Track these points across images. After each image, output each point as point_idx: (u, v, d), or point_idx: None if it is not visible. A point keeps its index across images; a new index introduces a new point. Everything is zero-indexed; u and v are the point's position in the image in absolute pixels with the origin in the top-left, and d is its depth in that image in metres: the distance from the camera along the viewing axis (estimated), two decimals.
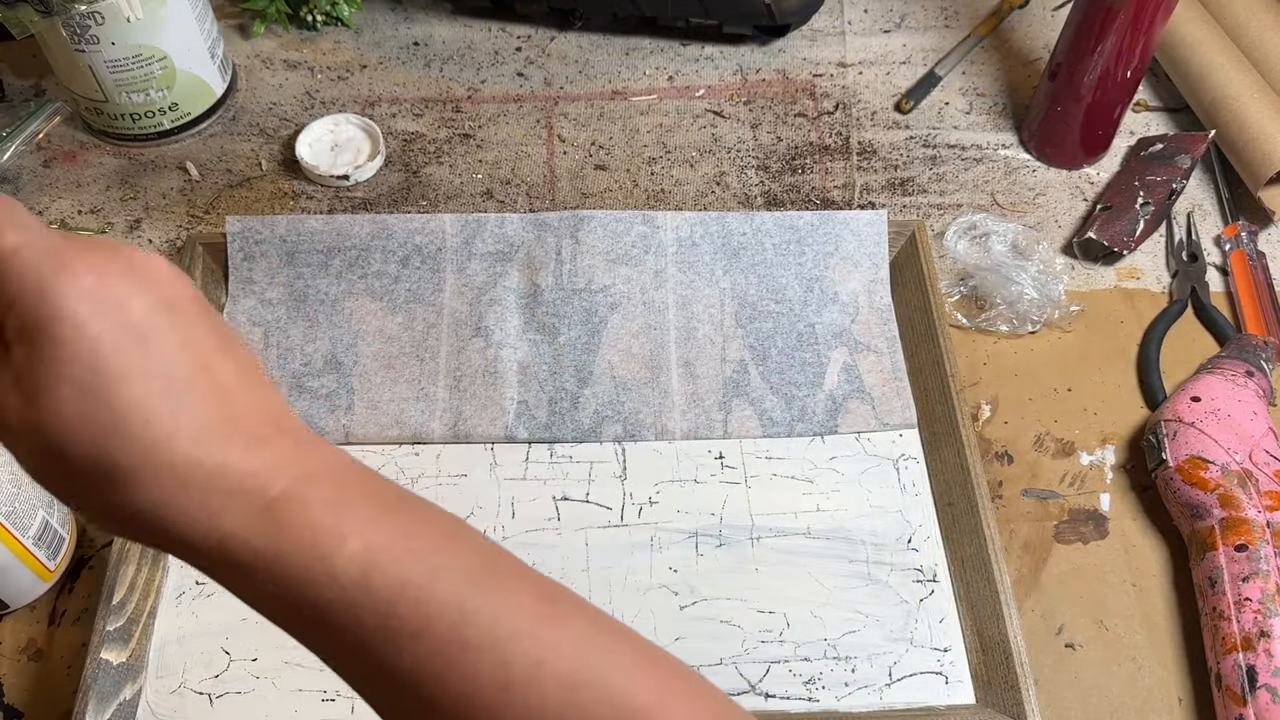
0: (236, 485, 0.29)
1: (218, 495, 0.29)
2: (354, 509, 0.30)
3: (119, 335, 0.28)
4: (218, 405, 0.29)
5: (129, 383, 0.28)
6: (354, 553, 0.29)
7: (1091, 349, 0.67)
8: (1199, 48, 0.76)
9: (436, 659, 0.29)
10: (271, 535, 0.29)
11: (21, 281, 0.28)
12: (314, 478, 0.30)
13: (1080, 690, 0.54)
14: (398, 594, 0.29)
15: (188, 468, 0.29)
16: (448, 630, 0.29)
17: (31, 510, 0.52)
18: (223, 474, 0.29)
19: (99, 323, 0.28)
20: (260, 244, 0.64)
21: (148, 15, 0.67)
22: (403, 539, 0.30)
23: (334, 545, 0.29)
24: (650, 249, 0.66)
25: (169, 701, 0.52)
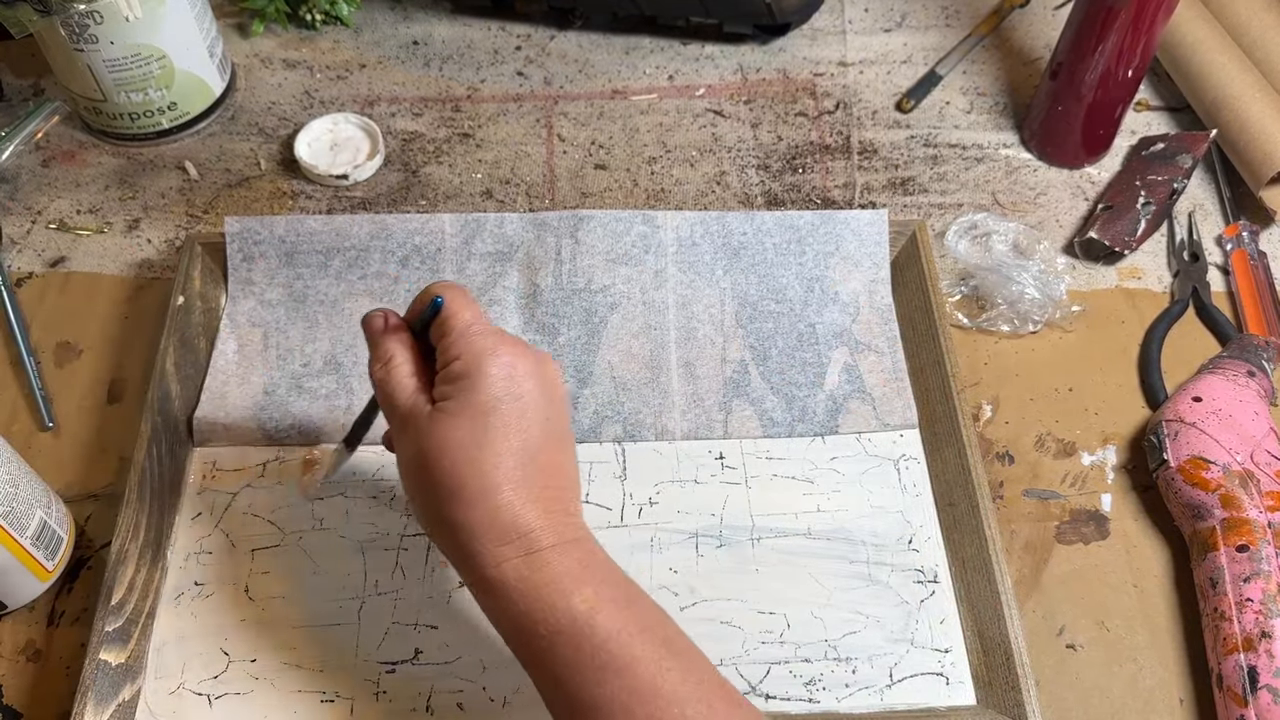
0: (523, 532, 0.42)
1: (509, 534, 0.42)
2: (592, 572, 0.42)
3: (509, 404, 0.43)
4: (539, 474, 0.43)
5: (502, 436, 0.42)
6: (586, 598, 0.41)
7: (1093, 349, 0.67)
8: (1200, 47, 0.76)
9: (632, 696, 0.39)
10: (534, 570, 0.41)
11: (471, 344, 0.43)
12: (571, 546, 0.42)
13: (1081, 691, 0.54)
14: (613, 636, 0.40)
15: (499, 509, 0.42)
16: (646, 675, 0.40)
17: (29, 511, 0.52)
18: (517, 523, 0.42)
19: (505, 386, 0.43)
20: (259, 244, 0.64)
21: (146, 14, 0.67)
22: (623, 602, 0.42)
23: (573, 590, 0.41)
24: (650, 249, 0.66)
25: (168, 702, 0.52)
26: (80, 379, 0.63)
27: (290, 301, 0.64)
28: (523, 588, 0.41)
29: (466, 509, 0.42)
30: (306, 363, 0.62)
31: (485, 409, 0.42)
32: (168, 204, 0.72)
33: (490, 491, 0.41)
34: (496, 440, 0.42)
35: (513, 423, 0.42)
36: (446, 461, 0.42)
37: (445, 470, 0.42)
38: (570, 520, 0.43)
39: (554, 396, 0.44)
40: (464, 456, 0.42)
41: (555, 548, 0.42)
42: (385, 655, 0.53)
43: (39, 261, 0.69)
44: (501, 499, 0.42)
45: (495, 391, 0.42)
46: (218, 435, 0.60)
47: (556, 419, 0.44)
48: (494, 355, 0.43)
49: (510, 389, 0.43)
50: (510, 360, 0.43)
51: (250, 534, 0.57)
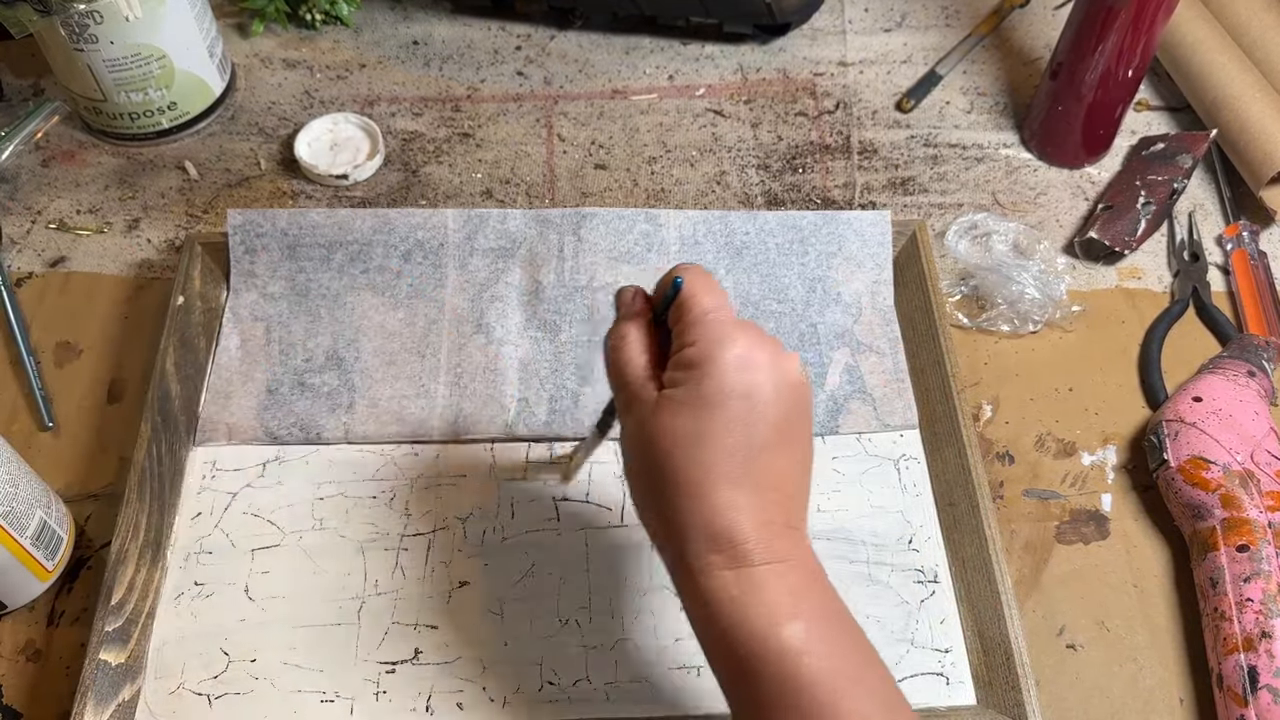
0: (735, 541, 0.39)
1: (720, 541, 0.39)
2: (807, 603, 0.39)
3: (738, 400, 0.39)
4: (760, 477, 0.40)
5: (725, 432, 0.39)
6: (796, 633, 0.38)
7: (1093, 349, 0.67)
8: (1200, 47, 0.76)
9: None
10: (743, 590, 0.38)
11: (706, 331, 0.40)
12: (787, 568, 0.39)
13: (1081, 691, 0.54)
14: (821, 683, 0.37)
15: (714, 511, 0.39)
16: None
17: (29, 510, 0.52)
18: (729, 532, 0.39)
19: (736, 379, 0.39)
20: (261, 237, 0.64)
21: (146, 14, 0.67)
22: (837, 643, 0.39)
23: (783, 621, 0.38)
24: (653, 247, 0.66)
25: (168, 702, 0.52)
26: (80, 379, 0.63)
27: (293, 295, 0.64)
28: (728, 605, 0.38)
29: (680, 504, 0.39)
30: (309, 358, 0.62)
31: (712, 401, 0.39)
32: (168, 204, 0.72)
33: (705, 489, 0.39)
34: (720, 436, 0.39)
35: (738, 419, 0.39)
36: (664, 450, 0.40)
37: (662, 459, 0.40)
38: (789, 534, 0.40)
39: (792, 398, 0.41)
40: (683, 448, 0.39)
41: (769, 566, 0.39)
42: (385, 655, 0.53)
43: (39, 261, 0.69)
44: (718, 499, 0.39)
45: (725, 384, 0.39)
46: (221, 434, 0.60)
47: (791, 421, 0.41)
48: (729, 345, 0.40)
49: (742, 383, 0.39)
50: (745, 353, 0.40)
51: (250, 534, 0.57)
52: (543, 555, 0.57)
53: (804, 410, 0.42)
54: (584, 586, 0.56)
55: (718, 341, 0.40)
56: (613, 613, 0.55)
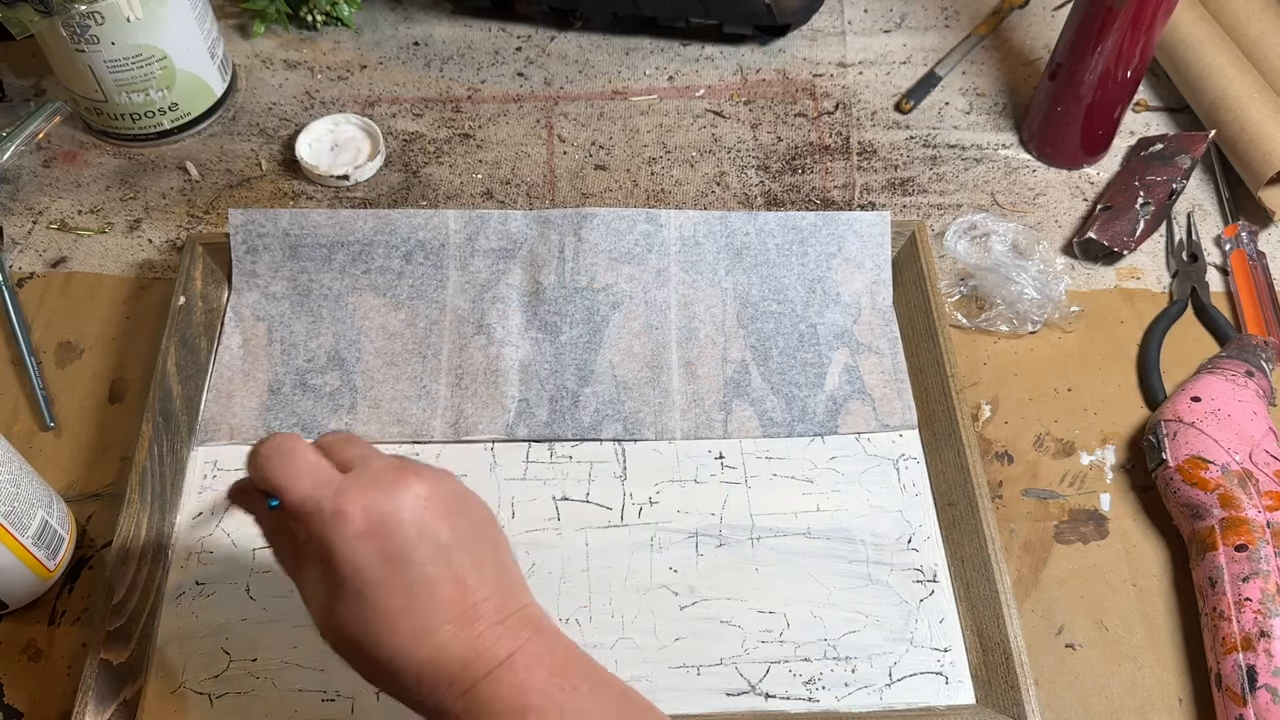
0: (452, 675, 0.37)
1: (438, 684, 0.38)
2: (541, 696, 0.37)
3: (378, 567, 0.37)
4: (450, 606, 0.38)
5: (385, 599, 0.37)
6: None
7: (1092, 349, 0.67)
8: (1199, 48, 0.76)
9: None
10: (473, 714, 0.37)
11: (310, 524, 0.38)
12: (511, 663, 0.38)
13: (1080, 690, 0.54)
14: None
15: (418, 661, 0.37)
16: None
17: (31, 510, 0.52)
18: (438, 667, 0.37)
19: (363, 556, 0.37)
20: (263, 237, 0.64)
21: (148, 15, 0.67)
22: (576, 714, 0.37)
23: None
24: (653, 248, 0.66)
25: (169, 702, 0.52)
26: (81, 379, 0.64)
27: (294, 295, 0.64)
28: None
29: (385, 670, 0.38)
30: (310, 358, 0.63)
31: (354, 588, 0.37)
32: (169, 204, 0.72)
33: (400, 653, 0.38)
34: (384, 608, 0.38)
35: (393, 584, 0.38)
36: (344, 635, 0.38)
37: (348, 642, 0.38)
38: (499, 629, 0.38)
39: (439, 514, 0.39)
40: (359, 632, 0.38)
41: (486, 679, 0.37)
42: None
43: (40, 262, 0.69)
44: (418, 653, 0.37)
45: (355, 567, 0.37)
46: (222, 433, 0.60)
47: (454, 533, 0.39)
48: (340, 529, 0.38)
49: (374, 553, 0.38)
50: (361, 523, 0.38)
51: (251, 533, 0.56)
52: (543, 555, 0.57)
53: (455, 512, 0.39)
54: (584, 586, 0.56)
55: (328, 531, 0.38)
56: (613, 613, 0.55)
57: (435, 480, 0.40)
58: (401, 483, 0.39)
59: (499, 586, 0.40)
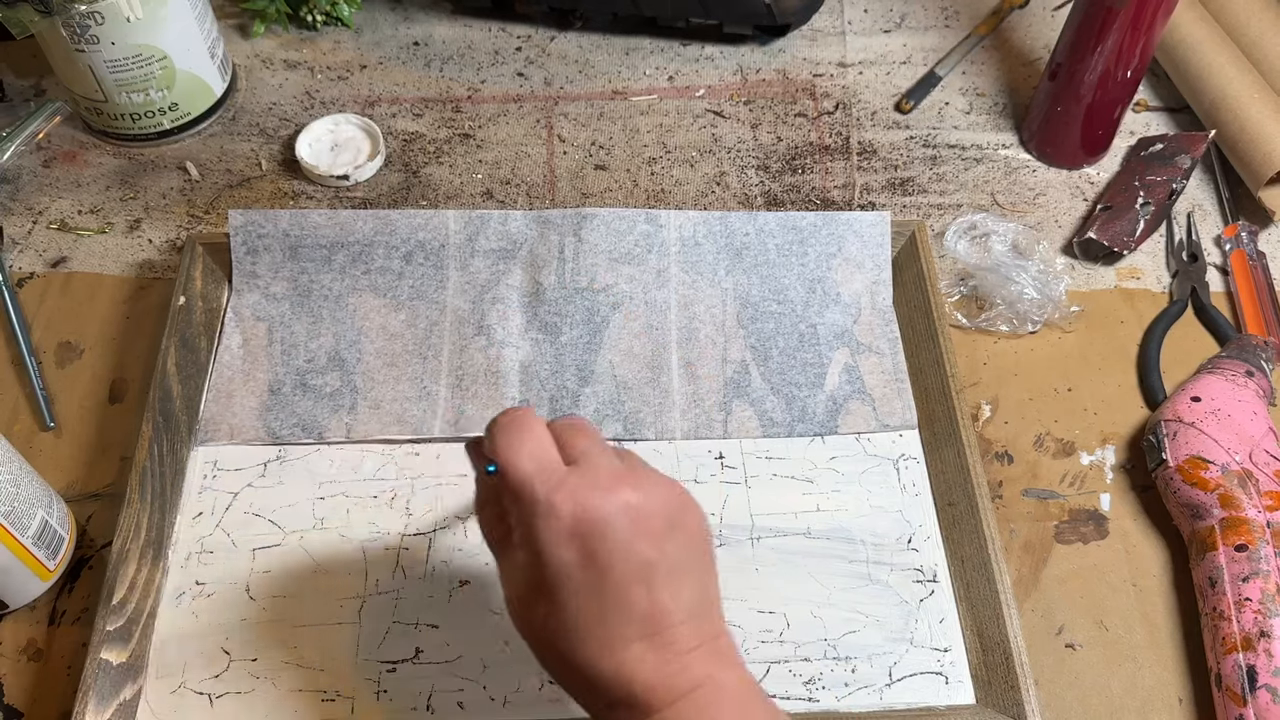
0: (628, 696, 0.37)
1: (618, 701, 0.38)
2: None
3: (579, 572, 0.37)
4: (642, 625, 0.37)
5: (580, 605, 0.37)
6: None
7: (1092, 349, 0.67)
8: (1199, 48, 0.76)
9: None
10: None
11: (522, 508, 0.38)
12: (694, 699, 0.37)
13: (1080, 690, 0.54)
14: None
15: (602, 674, 0.37)
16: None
17: (31, 510, 0.52)
18: (621, 684, 0.37)
19: (567, 557, 0.37)
20: (263, 238, 0.64)
21: (148, 15, 0.67)
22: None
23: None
24: (653, 248, 0.66)
25: (169, 702, 0.52)
26: (81, 379, 0.64)
27: (295, 295, 0.64)
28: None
29: (564, 669, 0.39)
30: (311, 358, 0.63)
31: (550, 586, 0.38)
32: (169, 204, 0.72)
33: (582, 660, 0.38)
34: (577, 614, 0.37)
35: (589, 592, 0.37)
36: (533, 624, 0.39)
37: (535, 630, 0.39)
38: (692, 657, 0.38)
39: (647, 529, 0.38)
40: (547, 627, 0.38)
41: (681, 706, 0.37)
42: (386, 654, 0.53)
43: (40, 262, 0.69)
44: (600, 665, 0.37)
45: (555, 566, 0.37)
46: (222, 434, 0.60)
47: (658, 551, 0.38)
48: (550, 524, 0.37)
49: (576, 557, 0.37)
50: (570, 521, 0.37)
51: (251, 533, 0.57)
52: None
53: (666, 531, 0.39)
54: None
55: (537, 521, 0.37)
56: None
57: (655, 492, 0.39)
58: (617, 491, 0.38)
59: (695, 613, 0.39)
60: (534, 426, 0.40)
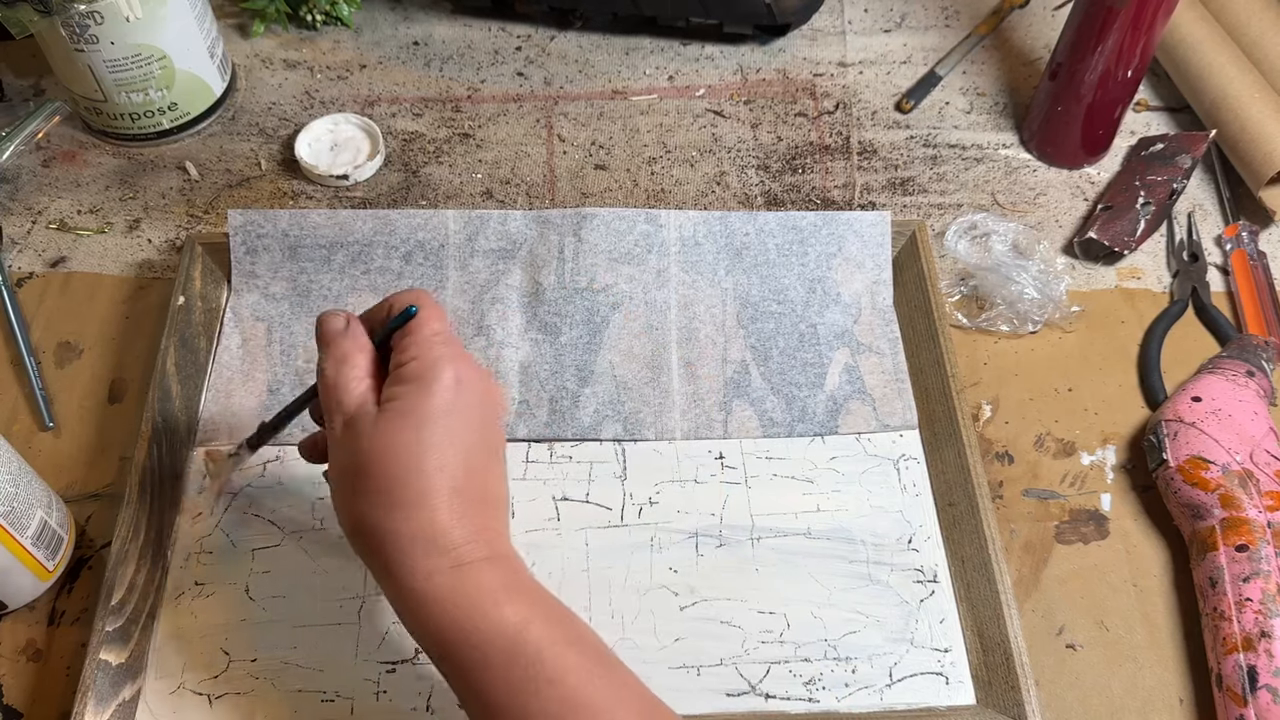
0: (455, 544, 0.42)
1: (442, 545, 0.41)
2: (522, 587, 0.42)
3: (456, 414, 0.43)
4: (474, 487, 0.43)
5: (447, 443, 0.42)
6: (518, 610, 0.41)
7: (1092, 349, 0.67)
8: (1200, 47, 0.76)
9: (563, 705, 0.40)
10: (463, 582, 0.41)
11: (430, 350, 0.43)
12: (500, 560, 0.43)
13: (1081, 691, 0.54)
14: (546, 648, 0.40)
15: (434, 520, 0.41)
16: (578, 684, 0.40)
17: (30, 510, 0.52)
18: (448, 537, 0.41)
19: (450, 399, 0.43)
20: (262, 238, 0.64)
21: (147, 15, 0.67)
22: (553, 615, 0.42)
23: (505, 602, 0.41)
24: (653, 248, 0.66)
25: (168, 702, 0.52)
26: (81, 379, 0.63)
27: (294, 296, 0.64)
28: (454, 600, 0.41)
29: (401, 517, 0.41)
30: (310, 359, 0.62)
31: (433, 414, 0.42)
32: (168, 204, 0.72)
33: (427, 499, 0.41)
34: (441, 447, 0.42)
35: (457, 432, 0.42)
36: (387, 464, 0.42)
37: (384, 473, 0.42)
38: (499, 536, 0.44)
39: (493, 414, 0.45)
40: (406, 461, 0.42)
41: (485, 561, 0.42)
42: (385, 655, 0.53)
43: (40, 261, 0.69)
44: (438, 508, 0.42)
45: (445, 399, 0.42)
46: (222, 434, 0.60)
47: (493, 436, 0.45)
48: (449, 363, 0.43)
49: (458, 399, 0.43)
50: (461, 372, 0.43)
51: (250, 534, 0.57)
52: (542, 555, 0.57)
53: (500, 426, 0.46)
54: (584, 587, 0.56)
55: (440, 359, 0.43)
56: (613, 613, 0.55)
57: (498, 386, 0.48)
58: (486, 373, 0.46)
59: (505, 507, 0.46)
60: (437, 302, 0.46)
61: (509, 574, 0.42)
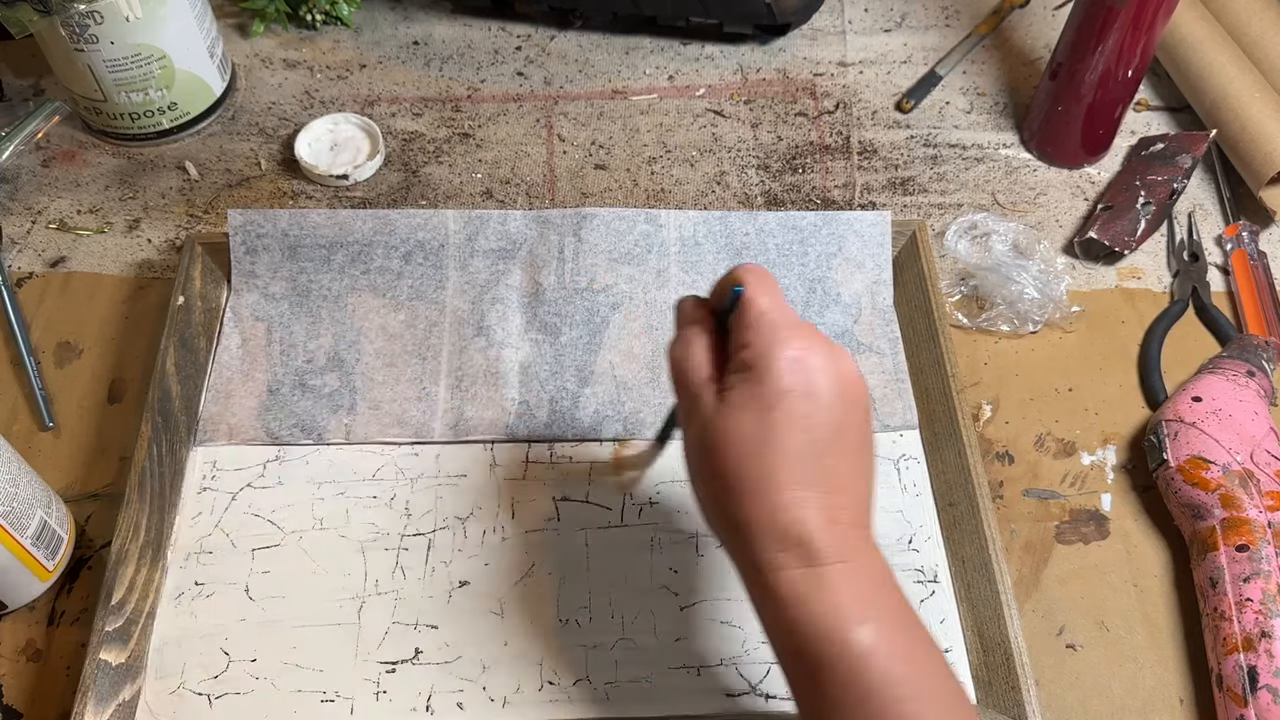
0: (803, 539, 0.39)
1: (788, 539, 0.39)
2: (876, 604, 0.39)
3: (797, 399, 0.40)
4: (824, 477, 0.40)
5: (786, 431, 0.39)
6: (864, 636, 0.38)
7: (1092, 349, 0.67)
8: (1200, 47, 0.76)
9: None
10: (811, 588, 0.39)
11: (762, 333, 0.41)
12: (856, 567, 0.39)
13: (1081, 691, 0.54)
14: (888, 686, 0.37)
15: (779, 509, 0.39)
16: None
17: (30, 510, 0.52)
18: (797, 529, 0.39)
19: (791, 379, 0.40)
20: (262, 237, 0.64)
21: (147, 14, 0.67)
22: (903, 644, 0.39)
23: (851, 622, 0.38)
24: (653, 248, 0.66)
25: (168, 702, 0.52)
26: (80, 379, 0.63)
27: (294, 295, 0.64)
28: (798, 605, 0.39)
29: (745, 504, 0.40)
30: (310, 359, 0.62)
31: (770, 402, 0.40)
32: (168, 204, 0.72)
33: (770, 488, 0.39)
34: (781, 435, 0.39)
35: (799, 419, 0.40)
36: (729, 453, 0.40)
37: (726, 461, 0.40)
38: (856, 535, 0.40)
39: (851, 398, 0.41)
40: (746, 450, 0.40)
41: (837, 566, 0.39)
42: (385, 655, 0.53)
43: (39, 261, 0.69)
44: (782, 498, 0.39)
45: (782, 384, 0.40)
46: (221, 434, 0.60)
47: (851, 422, 0.41)
48: (784, 345, 0.40)
49: (799, 382, 0.40)
50: (801, 353, 0.40)
51: (250, 534, 0.57)
52: (543, 555, 0.57)
53: (863, 411, 0.42)
54: (584, 586, 0.56)
55: (772, 342, 0.40)
56: (613, 613, 0.55)
57: (859, 376, 0.42)
58: (842, 354, 0.42)
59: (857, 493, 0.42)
60: (773, 278, 0.43)
61: (864, 585, 0.39)
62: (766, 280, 0.42)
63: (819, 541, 0.39)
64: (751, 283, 0.42)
